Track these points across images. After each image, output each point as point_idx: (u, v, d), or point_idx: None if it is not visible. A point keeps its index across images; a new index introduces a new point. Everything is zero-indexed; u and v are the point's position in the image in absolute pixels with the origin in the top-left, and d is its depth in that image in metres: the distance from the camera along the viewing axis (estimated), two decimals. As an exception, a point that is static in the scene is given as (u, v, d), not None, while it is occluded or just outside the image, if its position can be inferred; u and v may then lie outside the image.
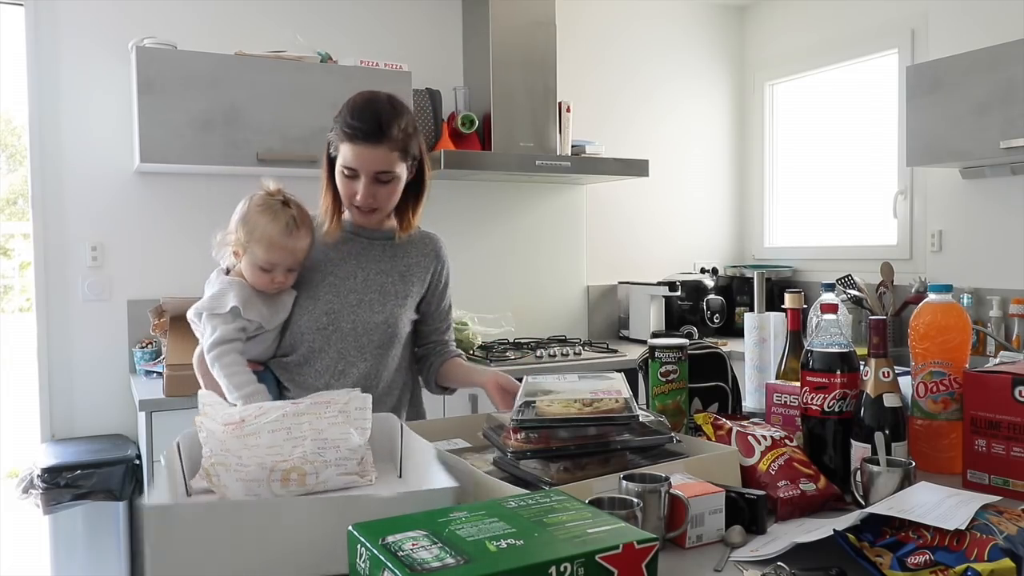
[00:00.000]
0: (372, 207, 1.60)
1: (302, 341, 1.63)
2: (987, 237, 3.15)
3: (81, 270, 2.87)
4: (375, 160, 1.54)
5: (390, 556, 0.77)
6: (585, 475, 1.16)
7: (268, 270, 1.55)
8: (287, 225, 1.54)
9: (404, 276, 1.70)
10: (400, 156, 1.57)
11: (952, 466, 1.35)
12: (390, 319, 1.66)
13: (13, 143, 4.46)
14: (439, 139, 3.23)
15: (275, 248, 1.53)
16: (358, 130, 1.53)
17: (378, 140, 1.53)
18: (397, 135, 1.55)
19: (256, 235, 1.53)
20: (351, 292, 1.65)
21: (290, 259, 1.56)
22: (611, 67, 3.91)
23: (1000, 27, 3.02)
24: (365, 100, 1.57)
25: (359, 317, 1.64)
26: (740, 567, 1.01)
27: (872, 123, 3.67)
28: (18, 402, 3.59)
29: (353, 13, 3.33)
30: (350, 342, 1.64)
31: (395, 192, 1.61)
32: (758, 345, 1.78)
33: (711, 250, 4.21)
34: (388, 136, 1.53)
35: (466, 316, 3.23)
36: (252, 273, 1.56)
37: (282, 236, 1.53)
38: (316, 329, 1.62)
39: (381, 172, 1.56)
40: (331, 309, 1.63)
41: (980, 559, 0.91)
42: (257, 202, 1.56)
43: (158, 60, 2.66)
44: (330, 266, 1.66)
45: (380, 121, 1.53)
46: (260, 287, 1.57)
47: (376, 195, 1.58)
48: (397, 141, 1.55)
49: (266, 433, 1.17)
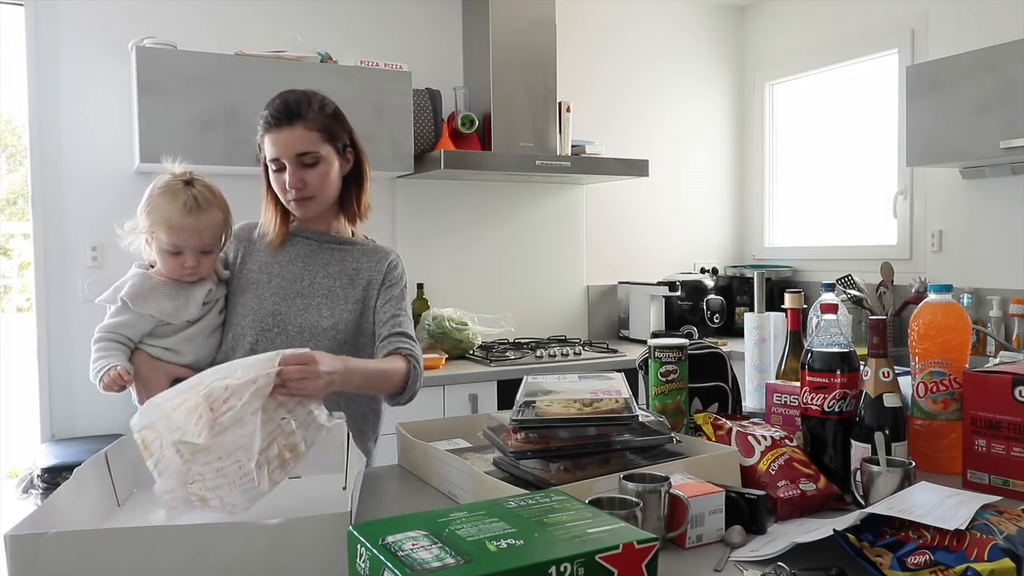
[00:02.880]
0: (304, 195, 1.58)
1: (244, 342, 1.57)
2: (987, 237, 3.15)
3: (81, 270, 2.87)
4: (293, 141, 1.54)
5: (390, 556, 0.77)
6: (585, 475, 1.16)
7: (176, 253, 1.49)
8: (186, 204, 1.47)
9: (353, 280, 1.64)
10: (321, 136, 1.57)
11: (952, 466, 1.35)
12: (339, 324, 1.60)
13: (13, 143, 4.46)
14: (439, 139, 3.23)
15: (175, 229, 1.46)
16: (271, 116, 1.55)
17: (291, 121, 1.54)
18: (311, 114, 1.56)
19: (156, 217, 1.47)
20: (298, 295, 1.61)
21: (196, 240, 1.48)
22: (611, 67, 3.91)
23: (1000, 27, 3.02)
24: (279, 93, 1.60)
25: (306, 320, 1.59)
26: (740, 567, 1.01)
27: (872, 123, 3.67)
28: (18, 402, 3.59)
29: (353, 13, 3.33)
30: (296, 346, 1.55)
31: (325, 177, 1.59)
32: (758, 345, 1.78)
33: (711, 250, 4.21)
34: (301, 116, 1.55)
35: (466, 316, 3.23)
36: (162, 259, 1.50)
37: (182, 216, 1.46)
38: (261, 330, 1.58)
39: (303, 154, 1.55)
40: (277, 311, 1.59)
41: (980, 559, 0.91)
42: (158, 184, 1.50)
43: (158, 60, 2.67)
44: (277, 267, 1.64)
45: (289, 103, 1.56)
46: (174, 275, 1.51)
47: (305, 179, 1.56)
48: (312, 120, 1.55)
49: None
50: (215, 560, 0.91)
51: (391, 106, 3.02)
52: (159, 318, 1.50)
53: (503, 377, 2.95)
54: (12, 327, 4.42)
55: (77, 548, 0.89)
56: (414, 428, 1.53)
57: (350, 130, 1.65)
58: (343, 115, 1.65)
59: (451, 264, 3.54)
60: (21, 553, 0.87)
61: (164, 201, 1.48)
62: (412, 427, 1.54)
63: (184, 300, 1.53)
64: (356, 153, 1.67)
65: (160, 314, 1.49)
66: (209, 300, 1.57)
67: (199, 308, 1.54)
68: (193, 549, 0.92)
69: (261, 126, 1.57)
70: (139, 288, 1.49)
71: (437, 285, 3.48)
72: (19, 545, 0.87)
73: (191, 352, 1.54)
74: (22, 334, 3.58)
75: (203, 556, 0.92)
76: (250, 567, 0.92)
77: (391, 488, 1.40)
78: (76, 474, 1.11)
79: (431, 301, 3.38)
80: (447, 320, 3.15)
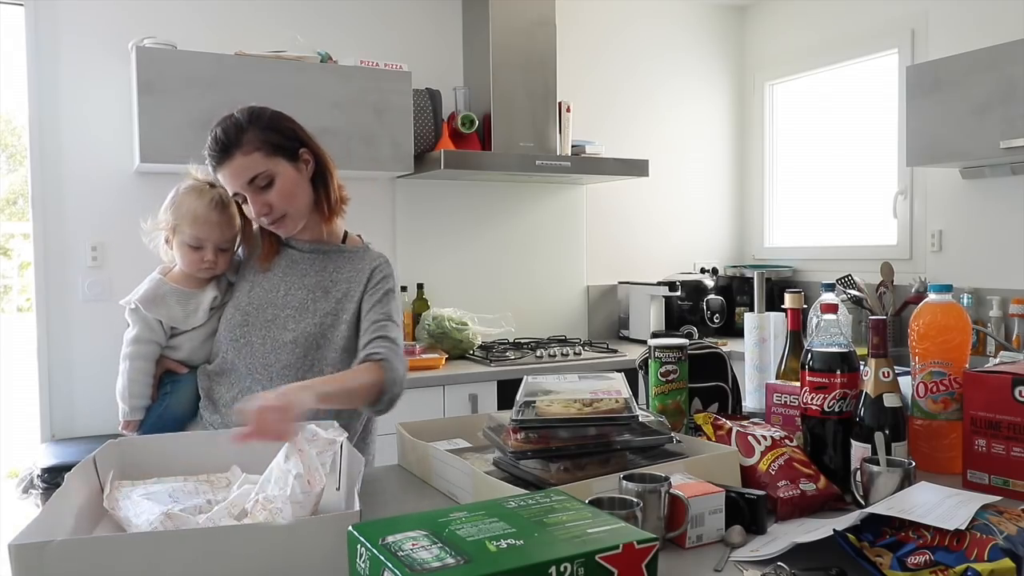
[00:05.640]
0: (275, 216, 1.55)
1: (220, 349, 1.60)
2: (987, 237, 3.15)
3: (81, 270, 2.87)
4: (237, 171, 1.51)
5: (390, 556, 0.77)
6: (585, 475, 1.16)
7: (197, 247, 1.57)
8: (212, 200, 1.57)
9: (328, 292, 1.61)
10: (264, 154, 1.51)
11: (952, 466, 1.35)
12: (299, 338, 1.56)
13: (13, 143, 4.46)
14: (439, 139, 3.23)
15: (200, 222, 1.55)
16: (210, 154, 1.53)
17: (228, 152, 1.50)
18: (244, 138, 1.51)
19: (182, 211, 1.56)
20: (269, 306, 1.60)
21: (218, 234, 1.57)
22: (611, 67, 3.91)
23: (1000, 27, 3.02)
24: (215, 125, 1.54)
25: (268, 334, 1.57)
26: (740, 567, 1.01)
27: (872, 123, 3.67)
28: (18, 402, 3.59)
29: (353, 13, 3.33)
30: (258, 359, 1.56)
31: (286, 191, 1.54)
32: (758, 345, 1.78)
33: (711, 250, 4.21)
34: (235, 144, 1.50)
35: (466, 316, 3.23)
36: (182, 254, 1.58)
37: (208, 210, 1.56)
38: (230, 340, 1.59)
39: (253, 179, 1.51)
40: (246, 321, 1.59)
41: (980, 559, 0.91)
42: (184, 186, 1.61)
43: (158, 60, 2.66)
44: (260, 278, 1.64)
45: (219, 138, 1.51)
46: (192, 269, 1.59)
47: (268, 201, 1.53)
48: (249, 143, 1.50)
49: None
50: (222, 563, 0.91)
51: (391, 106, 3.02)
52: (168, 323, 1.59)
53: (503, 377, 2.95)
54: (12, 327, 4.42)
55: (82, 556, 0.88)
56: (414, 428, 1.53)
57: (296, 130, 1.59)
58: (284, 118, 1.58)
59: (451, 264, 3.54)
60: (25, 562, 0.87)
61: (192, 198, 1.57)
62: (412, 427, 1.54)
63: (194, 306, 1.60)
64: (312, 151, 1.60)
65: (169, 320, 1.58)
66: (215, 306, 1.64)
67: (206, 314, 1.62)
68: (200, 553, 0.91)
69: (208, 166, 1.55)
70: (153, 293, 1.59)
71: (437, 285, 3.48)
72: (23, 554, 0.87)
73: (187, 349, 1.62)
74: (22, 334, 3.58)
75: (210, 560, 0.91)
76: (258, 570, 0.92)
77: (391, 488, 1.39)
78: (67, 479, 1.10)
79: (431, 301, 3.38)
80: (447, 320, 3.15)
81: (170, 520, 1.02)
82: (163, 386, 1.60)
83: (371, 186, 3.35)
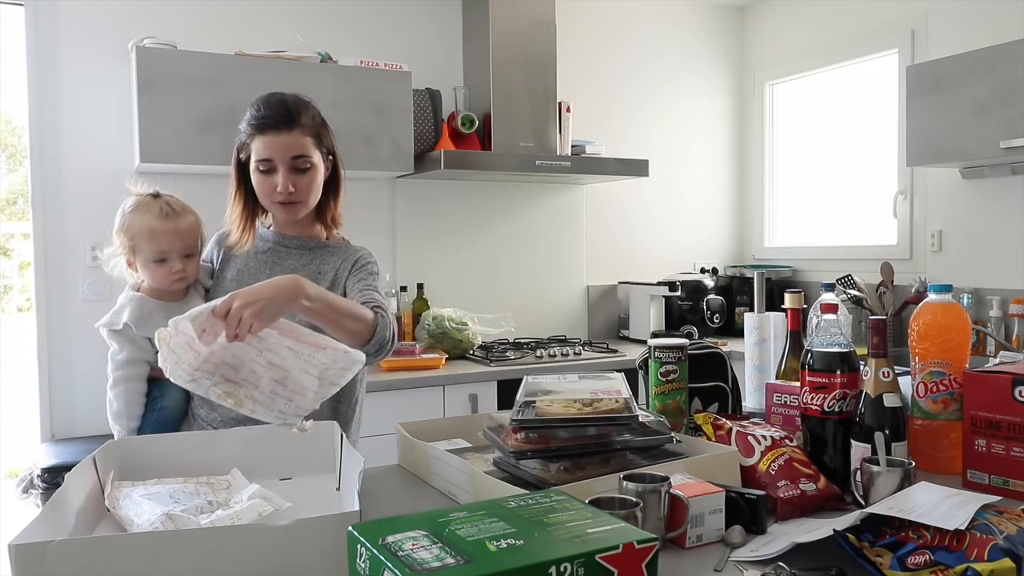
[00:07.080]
0: (293, 199, 1.58)
1: None
2: (987, 237, 3.15)
3: (81, 270, 2.87)
4: (289, 145, 1.55)
5: (390, 556, 0.77)
6: (585, 475, 1.16)
7: (162, 260, 1.54)
8: (161, 210, 1.55)
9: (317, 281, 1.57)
10: (314, 142, 1.59)
11: (952, 466, 1.35)
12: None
13: (13, 143, 4.46)
14: (439, 139, 3.23)
15: (157, 235, 1.53)
16: (269, 118, 1.55)
17: (290, 126, 1.55)
18: (307, 121, 1.58)
19: (135, 230, 1.53)
20: None
21: (178, 242, 1.55)
22: (611, 67, 3.91)
23: (1000, 27, 3.02)
24: (270, 94, 1.60)
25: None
26: (740, 567, 1.01)
27: (872, 123, 3.67)
28: (18, 402, 3.58)
29: (353, 13, 3.33)
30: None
31: (314, 182, 1.60)
32: (758, 345, 1.78)
33: (711, 250, 4.21)
34: (298, 122, 1.56)
35: (466, 316, 3.23)
36: (149, 272, 1.55)
37: (161, 221, 1.53)
38: None
39: (297, 157, 1.56)
40: None
41: (980, 559, 0.91)
42: (127, 205, 1.57)
43: (158, 60, 2.66)
44: (247, 275, 1.64)
45: (288, 108, 1.57)
46: (163, 284, 1.56)
47: (296, 184, 1.57)
48: (308, 127, 1.58)
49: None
50: (222, 563, 0.90)
51: (391, 106, 3.02)
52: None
53: (503, 377, 2.95)
54: (12, 327, 4.41)
55: (82, 556, 0.88)
56: (414, 428, 1.53)
57: (334, 140, 1.67)
58: (329, 127, 1.67)
59: (451, 264, 3.54)
60: (25, 562, 0.86)
61: (140, 213, 1.55)
62: (412, 427, 1.54)
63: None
64: (335, 161, 1.68)
65: None
66: None
67: None
68: (199, 553, 0.91)
69: (254, 127, 1.56)
70: (139, 312, 1.54)
71: (437, 285, 3.48)
72: (23, 554, 0.86)
73: None
74: (22, 334, 3.58)
75: (210, 560, 0.91)
76: (258, 570, 0.92)
77: (391, 488, 1.40)
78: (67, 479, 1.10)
79: (431, 301, 3.38)
80: (447, 320, 3.15)
81: (171, 520, 1.02)
82: (151, 392, 1.58)
83: (371, 186, 3.35)
